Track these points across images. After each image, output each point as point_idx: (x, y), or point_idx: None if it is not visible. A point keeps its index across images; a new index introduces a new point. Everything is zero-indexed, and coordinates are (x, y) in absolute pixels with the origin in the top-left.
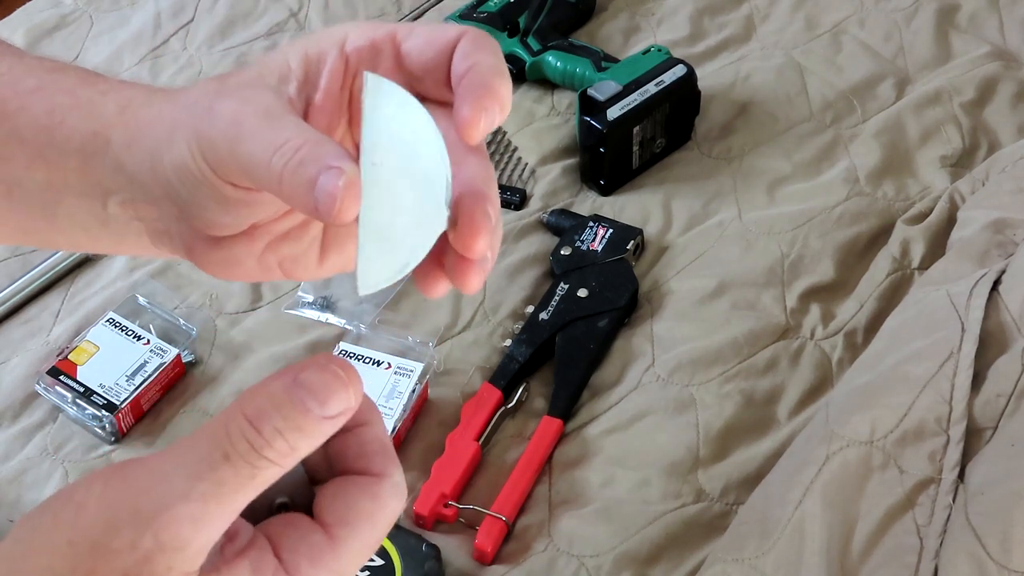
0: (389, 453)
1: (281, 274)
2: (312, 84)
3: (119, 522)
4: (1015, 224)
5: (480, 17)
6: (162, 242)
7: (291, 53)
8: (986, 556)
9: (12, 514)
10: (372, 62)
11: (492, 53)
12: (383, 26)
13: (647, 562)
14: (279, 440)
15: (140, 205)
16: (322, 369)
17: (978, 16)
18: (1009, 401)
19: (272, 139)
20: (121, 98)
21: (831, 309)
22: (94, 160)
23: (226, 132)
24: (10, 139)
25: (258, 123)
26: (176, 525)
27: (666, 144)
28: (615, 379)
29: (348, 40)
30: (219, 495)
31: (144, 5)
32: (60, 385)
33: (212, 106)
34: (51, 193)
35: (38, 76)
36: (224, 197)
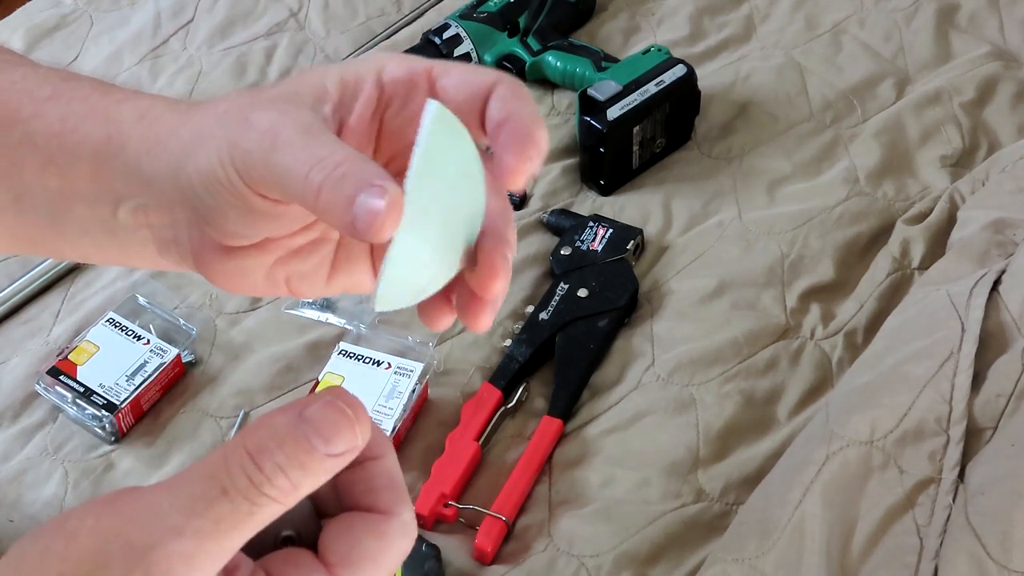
0: (399, 490)
1: (286, 290)
2: (347, 108)
3: (110, 556)
4: (1015, 224)
5: (480, 17)
6: (168, 251)
7: (328, 76)
8: (986, 556)
9: (12, 514)
10: (407, 95)
11: (530, 103)
12: (420, 60)
13: (647, 562)
14: (280, 477)
15: (152, 211)
16: (329, 405)
17: (978, 16)
18: (1009, 401)
19: (311, 153)
20: (139, 106)
21: (831, 309)
22: (107, 165)
23: (261, 142)
24: (22, 145)
25: (297, 136)
26: (167, 562)
27: (666, 144)
28: (615, 379)
29: (385, 70)
30: (215, 533)
31: (144, 5)
32: (60, 385)
33: (248, 116)
34: (61, 200)
35: (53, 85)
36: (248, 207)
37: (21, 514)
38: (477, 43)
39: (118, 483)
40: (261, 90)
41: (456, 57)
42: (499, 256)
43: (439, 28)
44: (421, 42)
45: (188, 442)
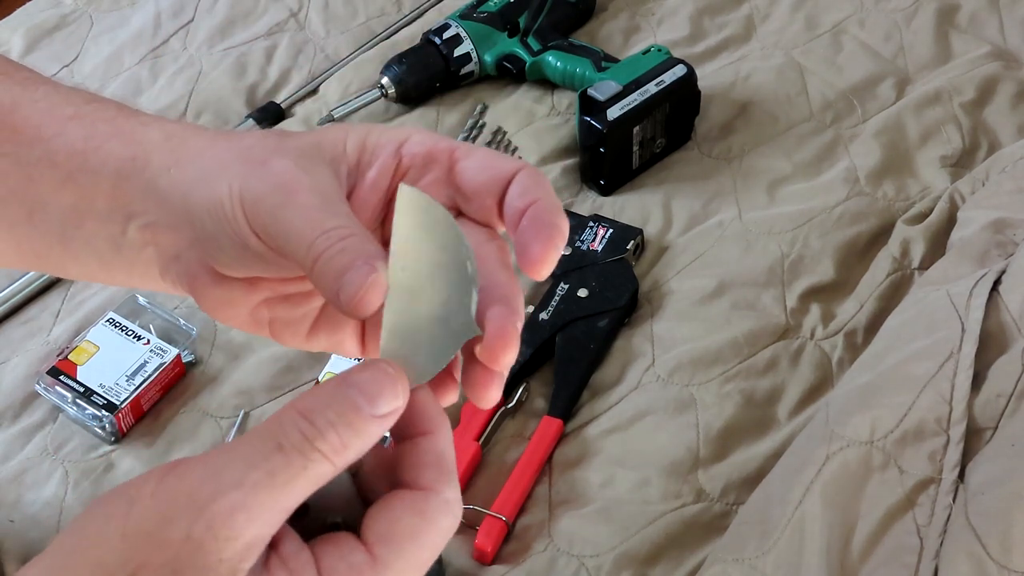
0: (444, 467)
1: (268, 332)
2: (361, 173)
3: (173, 512)
4: (1015, 224)
5: (480, 17)
6: (169, 270)
7: (350, 137)
8: (986, 556)
9: (12, 514)
10: (424, 168)
11: (551, 192)
12: (444, 140)
13: (647, 562)
14: (331, 432)
15: (160, 229)
16: (371, 367)
17: (978, 16)
18: (1009, 401)
19: (323, 221)
20: (165, 128)
21: (831, 309)
22: (127, 183)
23: (275, 192)
24: (41, 162)
25: (312, 199)
26: (229, 513)
27: (666, 144)
28: (615, 379)
29: (408, 143)
30: (271, 485)
31: (144, 5)
32: (60, 385)
33: (268, 160)
34: (74, 216)
35: (76, 105)
36: (245, 244)
37: (21, 514)
38: (477, 43)
39: (118, 483)
40: (287, 136)
41: (456, 57)
42: (510, 327)
43: (439, 28)
44: (421, 42)
45: (188, 442)
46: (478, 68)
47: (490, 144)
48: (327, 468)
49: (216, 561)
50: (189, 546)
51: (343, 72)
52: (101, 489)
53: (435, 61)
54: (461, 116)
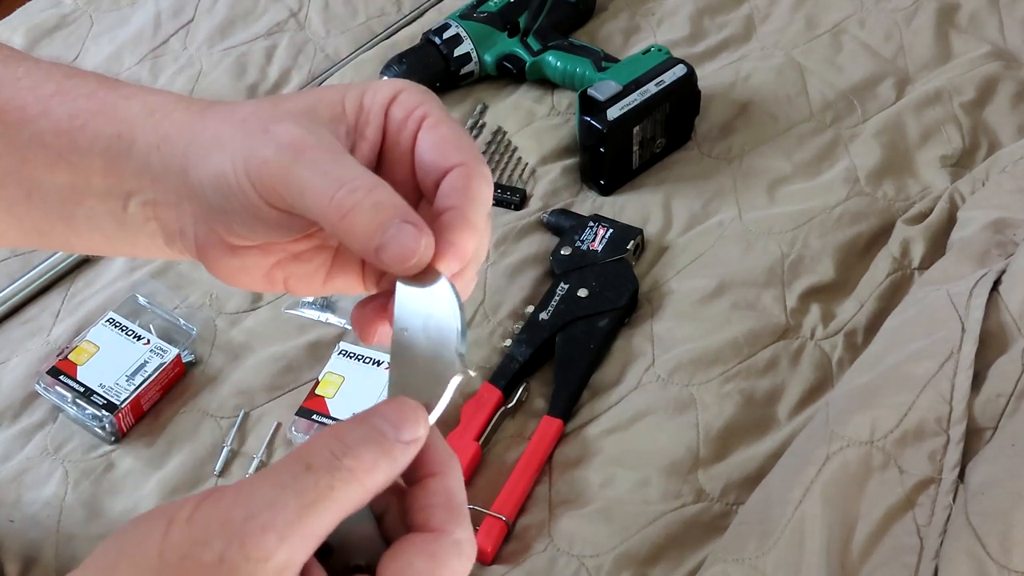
0: (454, 508)
1: (284, 288)
2: (359, 132)
3: (208, 536)
4: (1015, 224)
5: (480, 17)
6: (174, 243)
7: (348, 97)
8: (986, 556)
9: (12, 514)
10: (398, 131)
11: (475, 199)
12: (425, 102)
13: (647, 562)
14: (360, 449)
15: (160, 206)
16: (394, 402)
17: (978, 16)
18: (1009, 401)
19: (338, 174)
20: (148, 102)
21: (831, 309)
22: (119, 162)
23: (282, 155)
24: (32, 143)
25: (322, 154)
26: (260, 532)
27: (666, 144)
28: (615, 379)
29: (395, 102)
30: (300, 505)
31: (144, 5)
32: (60, 385)
33: (268, 127)
34: (73, 194)
35: (56, 81)
36: (254, 214)
37: (21, 514)
38: (477, 43)
39: (118, 483)
40: (280, 101)
41: (456, 57)
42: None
43: (439, 28)
44: (421, 42)
45: (188, 442)
46: (478, 68)
47: (490, 144)
48: (355, 489)
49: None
50: (222, 568)
51: (343, 72)
52: (101, 489)
53: (435, 61)
54: (461, 116)
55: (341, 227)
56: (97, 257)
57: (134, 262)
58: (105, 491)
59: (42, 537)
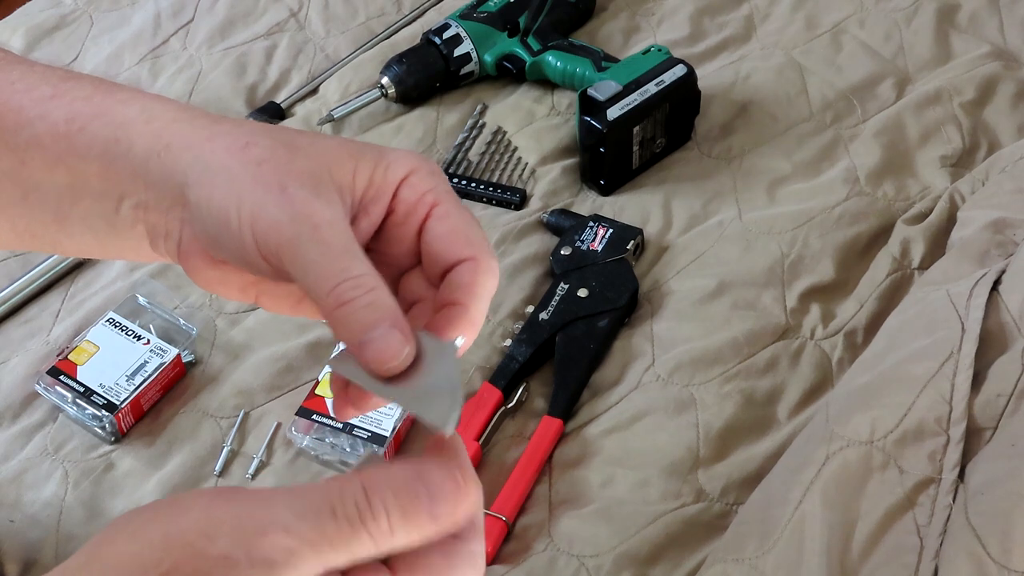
0: (477, 523)
1: (255, 302)
2: (364, 208)
3: (217, 532)
4: (1015, 224)
5: (480, 17)
6: (159, 245)
7: (360, 169)
8: (986, 556)
9: (12, 514)
10: (407, 216)
11: (479, 297)
12: (435, 187)
13: (647, 562)
14: (383, 517)
15: (150, 209)
16: (446, 470)
17: (978, 16)
18: (1009, 401)
19: (345, 265)
20: (147, 108)
21: (831, 309)
22: (115, 164)
23: (297, 226)
24: (30, 145)
25: (335, 237)
26: (271, 548)
27: (666, 144)
28: (615, 379)
29: (405, 185)
30: (317, 543)
31: (144, 5)
32: (60, 385)
33: (286, 187)
34: (70, 195)
35: (53, 84)
36: (245, 256)
37: (21, 514)
38: (477, 43)
39: (118, 483)
40: (294, 150)
41: (456, 57)
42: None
43: (439, 28)
44: (421, 42)
45: (188, 442)
46: (478, 68)
47: (490, 144)
48: (368, 549)
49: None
50: (223, 565)
51: (343, 72)
52: (101, 489)
53: (435, 61)
54: (461, 116)
55: (333, 316)
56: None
57: (134, 262)
58: (105, 491)
59: (42, 537)
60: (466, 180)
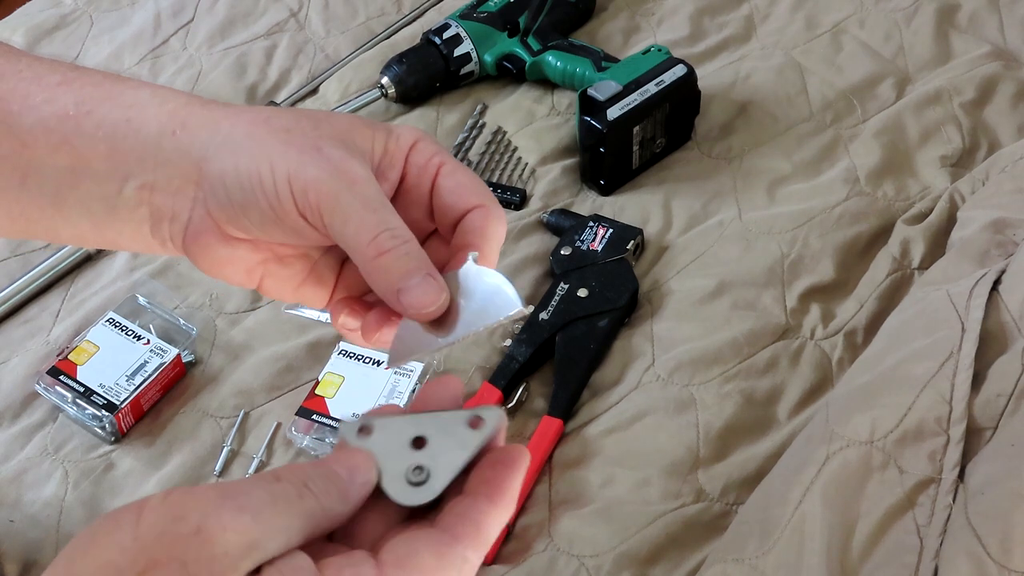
0: (482, 532)
1: (257, 286)
2: (381, 174)
3: (185, 511)
4: (1015, 224)
5: (480, 17)
6: (161, 228)
7: (376, 137)
8: (986, 556)
9: (12, 514)
10: (418, 177)
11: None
12: (439, 152)
13: (647, 562)
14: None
15: (157, 190)
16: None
17: (978, 16)
18: (1009, 401)
19: (385, 217)
20: (158, 92)
21: (831, 309)
22: (123, 144)
23: (336, 180)
24: (35, 128)
25: (372, 191)
26: (236, 511)
27: (666, 144)
28: (615, 379)
29: (414, 151)
30: (273, 502)
31: (144, 5)
32: (60, 385)
33: (321, 148)
34: (70, 177)
35: (61, 73)
36: (279, 217)
37: (21, 514)
38: (477, 43)
39: (118, 483)
40: (318, 120)
41: (456, 57)
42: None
43: (439, 28)
44: (421, 42)
45: (188, 442)
46: (478, 68)
47: (490, 144)
48: (314, 504)
49: (221, 553)
50: (198, 539)
51: (343, 72)
52: (101, 489)
53: (435, 61)
54: (461, 116)
55: (372, 264)
56: (97, 257)
57: (134, 262)
58: (105, 491)
59: (42, 537)
60: None
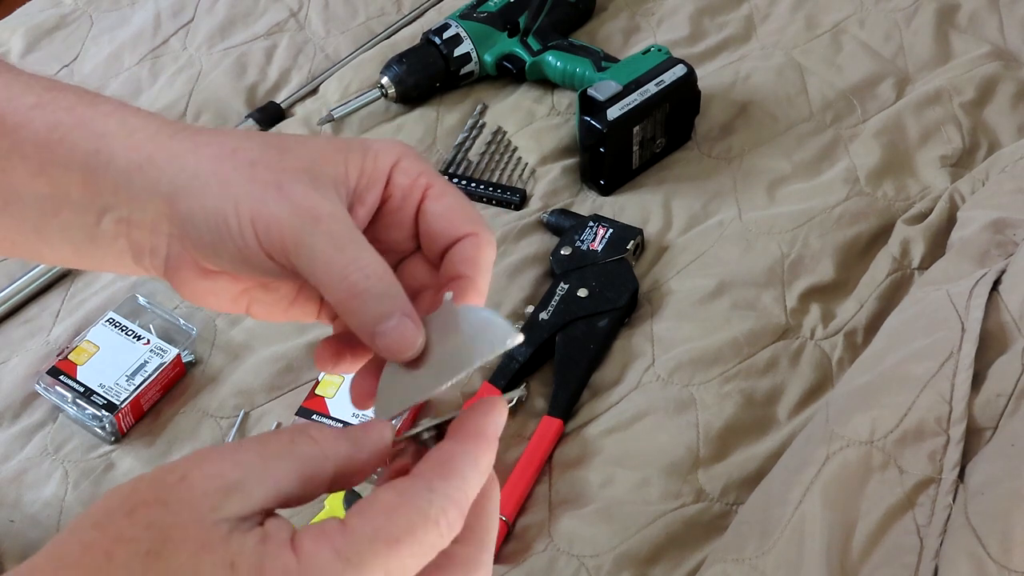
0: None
1: (245, 311)
2: (359, 197)
3: (175, 465)
4: (1015, 224)
5: (480, 17)
6: (142, 260)
7: (350, 160)
8: (986, 556)
9: (12, 514)
10: (402, 200)
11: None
12: (426, 171)
13: (647, 562)
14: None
15: (134, 225)
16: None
17: (978, 16)
18: (1009, 401)
19: (353, 253)
20: (128, 123)
21: (831, 309)
22: (96, 177)
23: (298, 220)
24: (12, 154)
25: (338, 227)
26: (218, 458)
27: (666, 144)
28: (615, 379)
29: (396, 170)
30: (262, 449)
31: (144, 5)
32: (60, 385)
33: (282, 184)
34: (50, 205)
35: (36, 93)
36: (247, 256)
37: (21, 514)
38: (477, 43)
39: (118, 483)
40: (284, 150)
41: (456, 57)
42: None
43: (439, 28)
44: (421, 42)
45: (188, 442)
46: (478, 68)
47: (490, 144)
48: (313, 450)
49: (200, 494)
50: (181, 484)
51: (343, 72)
52: (101, 489)
53: (435, 61)
54: (461, 116)
55: (346, 305)
56: None
57: None
58: (105, 491)
59: (42, 537)
60: (466, 180)
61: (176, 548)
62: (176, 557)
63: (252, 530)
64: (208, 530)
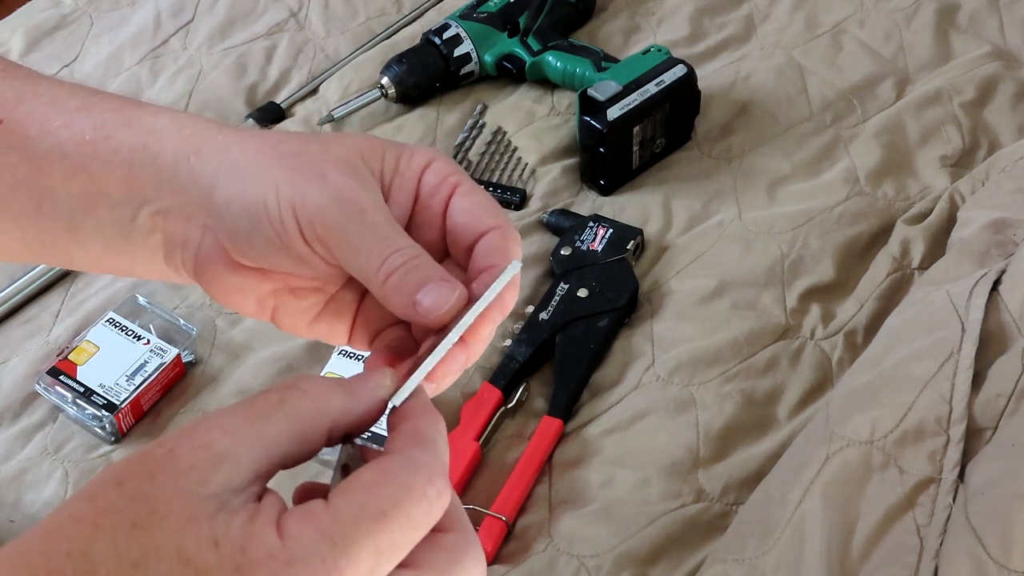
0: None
1: (270, 319)
2: (390, 194)
3: (165, 439)
4: (1015, 224)
5: (480, 17)
6: (174, 255)
7: (387, 155)
8: (986, 556)
9: (12, 514)
10: (430, 198)
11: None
12: (456, 171)
13: (647, 562)
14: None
15: (171, 216)
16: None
17: (978, 16)
18: (1009, 401)
19: (395, 240)
20: (177, 119)
21: (831, 309)
22: (140, 170)
23: (340, 207)
24: (51, 153)
25: (380, 217)
26: (206, 429)
27: (666, 144)
28: (615, 379)
29: (428, 170)
30: (249, 412)
31: (144, 5)
32: (60, 385)
33: (326, 174)
34: (84, 203)
35: (81, 97)
36: (284, 245)
37: (21, 514)
38: (477, 43)
39: None
40: (326, 143)
41: (456, 57)
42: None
43: (439, 28)
44: (421, 42)
45: None
46: (478, 68)
47: (490, 144)
48: (306, 403)
49: (188, 466)
50: (168, 456)
51: (343, 72)
52: None
53: (435, 61)
54: (461, 116)
55: (385, 288)
56: None
57: None
58: None
59: None
60: None
61: (161, 521)
62: (160, 530)
63: (243, 508)
64: (195, 505)
